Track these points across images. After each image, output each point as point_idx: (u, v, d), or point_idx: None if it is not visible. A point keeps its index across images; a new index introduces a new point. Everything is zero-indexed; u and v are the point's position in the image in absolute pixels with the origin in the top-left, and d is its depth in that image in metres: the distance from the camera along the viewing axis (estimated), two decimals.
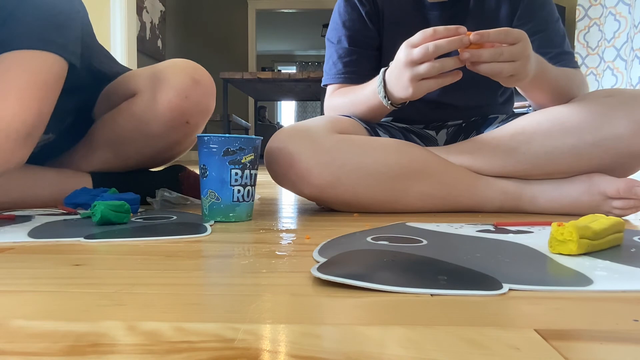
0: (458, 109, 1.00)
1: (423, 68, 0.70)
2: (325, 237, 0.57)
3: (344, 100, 0.94)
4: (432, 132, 1.03)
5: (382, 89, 0.81)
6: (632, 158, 0.76)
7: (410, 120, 1.02)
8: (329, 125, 0.81)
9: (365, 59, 0.97)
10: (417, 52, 0.70)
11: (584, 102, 0.78)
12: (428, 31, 0.70)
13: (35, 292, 0.36)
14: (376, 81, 0.83)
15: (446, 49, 0.68)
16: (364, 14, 0.96)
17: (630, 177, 0.79)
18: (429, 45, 0.69)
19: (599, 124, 0.75)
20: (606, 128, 0.75)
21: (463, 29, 0.68)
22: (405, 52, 0.72)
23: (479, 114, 1.00)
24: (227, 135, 0.68)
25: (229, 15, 5.54)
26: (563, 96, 0.83)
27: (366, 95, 0.87)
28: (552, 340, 0.27)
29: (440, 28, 0.69)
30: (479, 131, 0.94)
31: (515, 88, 1.03)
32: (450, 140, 1.00)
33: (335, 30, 0.99)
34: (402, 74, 0.74)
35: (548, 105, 0.83)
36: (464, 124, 1.01)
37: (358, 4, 0.96)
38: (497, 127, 0.86)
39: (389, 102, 0.81)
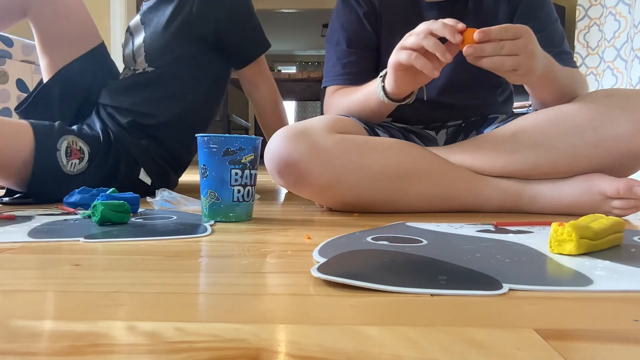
0: (457, 108, 1.00)
1: (410, 39, 0.72)
2: (325, 237, 0.57)
3: (343, 100, 0.94)
4: (432, 132, 1.03)
5: (381, 80, 0.82)
6: (632, 158, 0.76)
7: (410, 120, 1.02)
8: (329, 125, 0.82)
9: (364, 60, 0.97)
10: (412, 31, 0.72)
11: (584, 102, 0.78)
12: (427, 22, 0.71)
13: (35, 292, 0.36)
14: (376, 81, 0.83)
15: (440, 32, 0.69)
16: (361, 16, 0.96)
17: (630, 177, 0.79)
18: (425, 24, 0.71)
19: (599, 124, 0.75)
20: (606, 128, 0.75)
21: (462, 25, 0.69)
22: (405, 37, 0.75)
23: (478, 113, 1.00)
24: (227, 135, 0.68)
25: None
26: (567, 95, 0.83)
27: (366, 95, 0.87)
28: (552, 340, 0.27)
29: (438, 22, 0.70)
30: (479, 131, 0.94)
31: (514, 88, 1.03)
32: (450, 140, 1.00)
33: (334, 33, 0.99)
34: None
35: (552, 104, 0.83)
36: (463, 124, 1.01)
37: (356, 6, 0.96)
38: (497, 127, 0.86)
39: (382, 85, 0.82)
